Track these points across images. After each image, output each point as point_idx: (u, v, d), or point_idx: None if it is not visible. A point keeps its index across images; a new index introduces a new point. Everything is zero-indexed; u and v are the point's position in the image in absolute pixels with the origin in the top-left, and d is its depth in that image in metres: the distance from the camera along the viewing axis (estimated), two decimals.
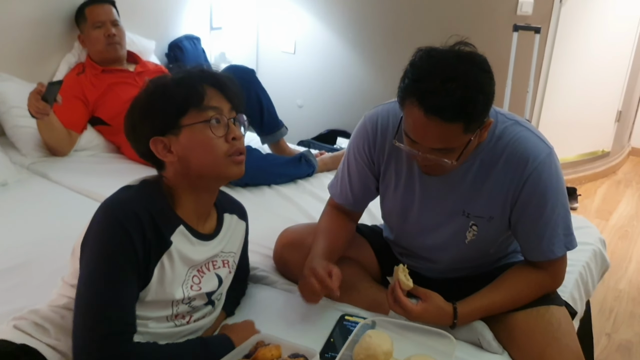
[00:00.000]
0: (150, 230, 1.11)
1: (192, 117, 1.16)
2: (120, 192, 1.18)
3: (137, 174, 2.22)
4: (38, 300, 1.38)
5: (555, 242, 1.33)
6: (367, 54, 3.38)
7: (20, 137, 2.31)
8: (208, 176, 1.20)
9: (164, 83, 1.18)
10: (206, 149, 1.17)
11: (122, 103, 2.37)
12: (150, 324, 1.16)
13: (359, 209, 1.59)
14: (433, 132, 1.17)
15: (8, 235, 1.74)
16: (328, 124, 3.54)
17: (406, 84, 1.19)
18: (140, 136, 1.18)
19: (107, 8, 2.47)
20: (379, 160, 1.46)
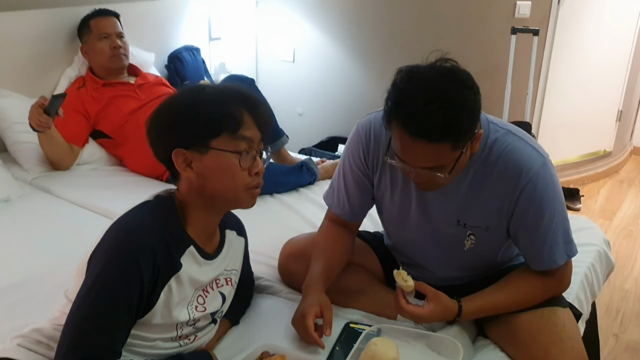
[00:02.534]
0: (161, 258, 1.09)
1: (223, 142, 1.13)
2: (136, 214, 1.15)
3: (139, 187, 2.27)
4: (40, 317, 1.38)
5: (556, 251, 1.32)
6: (366, 61, 3.38)
7: (22, 152, 2.32)
8: (222, 200, 1.19)
9: (202, 98, 1.14)
10: (228, 177, 1.15)
11: (123, 116, 2.39)
12: (159, 344, 1.16)
13: (357, 219, 1.58)
14: (421, 153, 1.18)
15: (11, 252, 1.75)
16: (329, 132, 3.55)
17: (390, 106, 1.19)
18: (164, 142, 1.15)
19: (113, 20, 2.50)
20: (374, 168, 1.45)
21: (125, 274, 1.05)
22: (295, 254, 1.62)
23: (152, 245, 1.08)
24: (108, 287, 1.05)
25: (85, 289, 1.06)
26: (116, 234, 1.10)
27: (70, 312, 1.07)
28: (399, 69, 1.20)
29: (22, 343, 1.15)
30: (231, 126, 1.13)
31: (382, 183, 1.45)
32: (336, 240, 1.53)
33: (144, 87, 2.52)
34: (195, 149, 1.12)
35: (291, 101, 3.67)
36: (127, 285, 1.05)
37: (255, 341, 1.34)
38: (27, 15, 2.42)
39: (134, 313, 1.08)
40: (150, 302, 1.10)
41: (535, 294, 1.36)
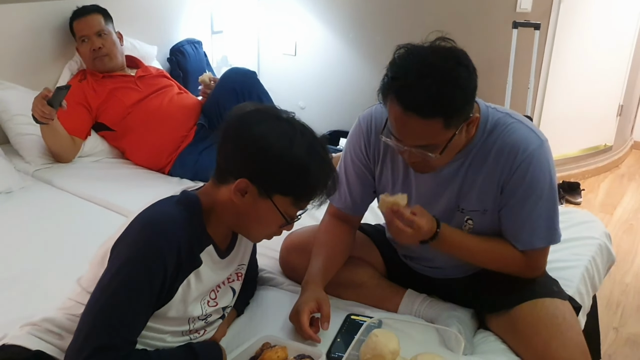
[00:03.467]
0: (184, 252, 1.10)
1: (283, 202, 1.14)
2: (163, 208, 1.15)
3: (142, 179, 2.28)
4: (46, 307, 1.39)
5: (536, 233, 1.33)
6: (367, 54, 3.38)
7: (24, 144, 2.32)
8: (243, 229, 1.23)
9: (295, 155, 1.10)
10: (263, 224, 1.20)
11: (125, 108, 2.40)
12: (168, 338, 1.17)
13: (358, 212, 1.58)
14: (413, 128, 1.19)
15: (14, 243, 1.75)
16: (331, 125, 3.54)
17: (385, 81, 1.21)
18: (237, 164, 1.13)
19: (91, 19, 2.42)
20: (375, 160, 1.46)
21: (149, 264, 1.06)
22: (296, 247, 1.62)
23: (177, 238, 1.09)
24: (132, 277, 1.06)
25: (108, 277, 1.07)
26: (141, 225, 1.11)
27: (91, 300, 1.07)
28: (398, 46, 1.23)
29: (32, 331, 1.15)
30: (301, 198, 1.16)
31: (384, 175, 1.46)
32: (337, 235, 1.53)
33: (144, 79, 2.52)
34: (258, 188, 1.12)
35: (293, 95, 3.66)
36: (151, 276, 1.06)
37: (257, 333, 1.34)
38: (29, 7, 2.42)
39: (153, 304, 1.09)
40: (168, 295, 1.11)
41: (506, 262, 1.37)
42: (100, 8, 2.47)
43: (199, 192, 1.21)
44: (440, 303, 1.46)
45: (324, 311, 1.34)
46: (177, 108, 2.46)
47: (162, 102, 2.45)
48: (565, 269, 1.64)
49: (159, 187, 2.24)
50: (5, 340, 1.15)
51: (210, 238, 1.19)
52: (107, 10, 2.50)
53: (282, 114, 1.16)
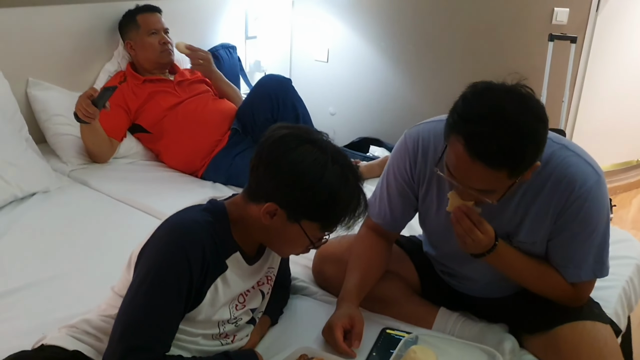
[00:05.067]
0: (210, 256, 1.13)
1: (310, 227, 1.16)
2: (189, 214, 1.18)
3: (175, 182, 2.30)
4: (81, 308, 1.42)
5: (583, 267, 1.31)
6: (400, 63, 3.37)
7: (61, 144, 2.36)
8: (271, 244, 1.26)
9: (327, 183, 1.11)
10: (290, 245, 1.23)
11: (162, 111, 2.43)
12: (201, 341, 1.19)
13: (397, 228, 1.56)
14: (476, 174, 1.14)
15: (51, 243, 1.78)
16: (360, 132, 3.54)
17: (455, 119, 1.15)
18: (267, 188, 1.14)
19: (159, 17, 2.54)
20: (420, 181, 1.43)
21: (176, 267, 1.09)
22: (330, 257, 1.62)
23: (202, 242, 1.12)
24: (159, 280, 1.09)
25: (137, 282, 1.10)
26: (167, 230, 1.15)
27: (123, 303, 1.11)
28: (473, 84, 1.16)
29: (70, 333, 1.18)
30: (329, 224, 1.17)
31: (429, 197, 1.43)
32: (374, 250, 1.52)
33: (183, 84, 2.55)
34: (287, 213, 1.14)
35: (323, 101, 3.67)
36: (178, 279, 1.09)
37: (291, 343, 1.35)
38: (70, 9, 2.46)
39: (182, 307, 1.11)
40: (197, 299, 1.14)
41: (552, 289, 1.34)
42: (161, 10, 2.57)
43: (228, 202, 1.24)
44: (474, 322, 1.45)
45: (356, 329, 1.34)
46: (213, 113, 2.48)
47: (197, 106, 2.47)
48: (602, 289, 1.60)
49: (192, 190, 2.26)
50: (44, 341, 1.19)
51: (237, 245, 1.21)
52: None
53: (316, 136, 1.17)
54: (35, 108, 2.37)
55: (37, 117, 2.38)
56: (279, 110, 2.40)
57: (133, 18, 2.52)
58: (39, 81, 2.40)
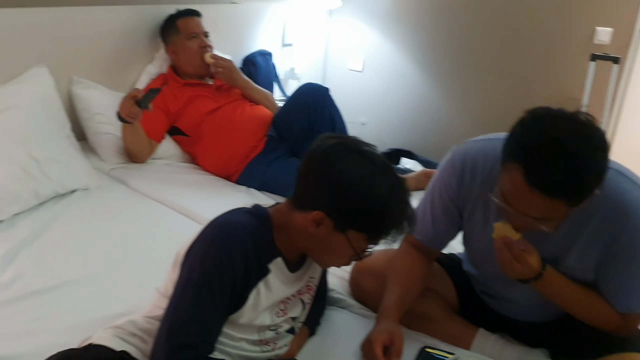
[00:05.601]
0: (253, 258, 1.14)
1: (356, 238, 1.15)
2: (234, 216, 1.20)
3: (210, 186, 2.33)
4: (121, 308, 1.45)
5: (634, 297, 1.28)
6: (435, 77, 3.36)
7: (101, 143, 2.39)
8: (314, 254, 1.25)
9: (376, 194, 1.11)
10: (333, 255, 1.22)
11: (201, 115, 2.45)
12: (244, 345, 1.20)
13: (439, 246, 1.55)
14: (532, 203, 1.12)
15: (91, 242, 1.80)
16: (391, 144, 3.53)
17: (513, 146, 1.14)
18: (316, 195, 1.14)
19: (199, 20, 2.56)
20: (466, 200, 1.42)
21: (220, 268, 1.11)
22: (368, 271, 1.61)
23: (246, 244, 1.14)
24: (204, 280, 1.10)
25: (183, 281, 1.13)
26: (213, 230, 1.17)
27: (169, 303, 1.13)
28: (532, 110, 1.15)
29: (117, 333, 1.20)
30: (375, 236, 1.16)
31: (474, 217, 1.42)
32: (414, 266, 1.51)
33: (221, 89, 2.58)
34: (334, 222, 1.14)
35: (355, 110, 3.67)
36: (222, 279, 1.11)
37: (330, 356, 1.36)
38: (115, 10, 2.50)
39: (226, 308, 1.13)
40: (240, 301, 1.15)
41: (601, 318, 1.32)
42: (201, 14, 2.59)
43: (272, 209, 1.26)
44: (514, 345, 1.43)
45: (396, 345, 1.33)
46: (249, 119, 2.50)
47: (235, 112, 2.49)
48: None
49: (227, 194, 2.29)
50: (91, 340, 1.20)
51: (280, 251, 1.22)
52: None
53: (364, 147, 1.17)
54: (78, 106, 2.40)
55: (79, 115, 2.41)
56: (315, 119, 2.40)
57: (173, 23, 2.55)
58: (83, 80, 2.43)
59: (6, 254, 1.67)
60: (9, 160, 1.90)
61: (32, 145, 1.98)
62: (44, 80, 2.25)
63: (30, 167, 1.94)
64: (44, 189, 1.96)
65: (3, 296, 1.50)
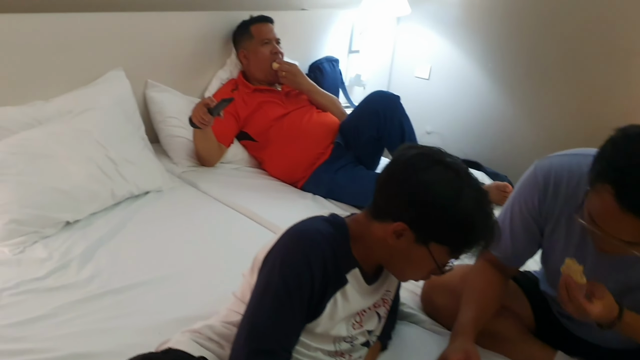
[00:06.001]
0: (330, 267, 1.14)
1: (438, 250, 1.12)
2: (313, 223, 1.20)
3: (277, 191, 2.34)
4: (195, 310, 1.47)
5: None
6: (505, 86, 3.27)
7: (173, 146, 2.44)
8: (392, 267, 1.23)
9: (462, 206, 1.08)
10: (412, 268, 1.19)
11: (269, 121, 2.47)
12: (320, 356, 1.19)
13: (517, 264, 1.50)
14: (624, 227, 1.08)
15: (164, 242, 1.84)
16: (457, 154, 3.43)
17: (604, 167, 1.09)
18: (396, 203, 1.13)
19: (272, 27, 2.59)
20: (547, 217, 1.37)
21: (299, 274, 1.10)
22: (441, 287, 1.57)
23: (324, 252, 1.13)
24: (283, 286, 1.10)
25: (262, 287, 1.13)
26: (291, 237, 1.17)
27: (248, 308, 1.14)
28: (622, 128, 1.10)
29: (194, 338, 1.21)
30: (459, 250, 1.13)
31: (555, 235, 1.37)
32: (491, 284, 1.47)
33: (290, 95, 2.60)
34: (416, 234, 1.12)
35: (421, 118, 3.61)
36: (300, 286, 1.10)
37: None
38: (190, 16, 2.55)
39: (304, 315, 1.13)
40: (317, 309, 1.15)
41: None
42: (273, 21, 2.62)
43: (349, 219, 1.24)
44: None
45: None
46: (317, 125, 2.50)
47: (302, 118, 2.50)
48: None
49: (293, 200, 2.30)
50: (169, 344, 1.21)
51: (357, 261, 1.20)
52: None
53: (447, 158, 1.14)
54: (152, 109, 2.46)
55: (153, 117, 2.47)
56: (385, 128, 2.38)
57: (247, 28, 2.58)
58: (157, 83, 2.50)
59: (85, 251, 1.73)
60: (87, 160, 1.96)
61: (109, 146, 2.04)
62: (121, 83, 2.33)
63: (107, 168, 2.00)
64: (120, 189, 2.02)
65: (81, 293, 1.55)
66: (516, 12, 3.11)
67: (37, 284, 1.56)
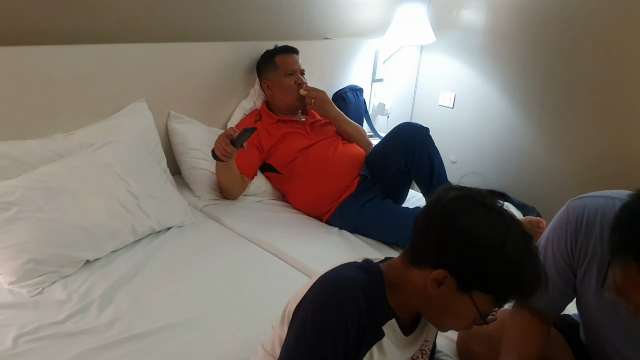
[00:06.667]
0: (366, 320, 1.07)
1: (482, 299, 1.05)
2: (346, 271, 1.13)
3: (302, 226, 2.27)
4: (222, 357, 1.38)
5: None
6: (532, 115, 3.19)
7: (195, 178, 2.39)
8: (432, 317, 1.15)
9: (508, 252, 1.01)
10: (454, 317, 1.11)
11: (293, 152, 2.41)
12: None
13: (555, 310, 1.41)
14: None
15: (187, 283, 1.76)
16: (482, 184, 3.36)
17: (624, 239, 1.00)
18: (436, 249, 1.06)
19: (297, 58, 2.55)
20: (579, 260, 1.29)
21: (332, 329, 1.03)
22: (478, 333, 1.47)
23: (359, 304, 1.06)
24: (316, 341, 1.03)
25: (293, 341, 1.06)
26: (323, 287, 1.09)
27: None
28: (637, 194, 1.02)
29: None
30: (504, 298, 1.06)
31: (587, 280, 1.29)
32: (530, 333, 1.38)
33: (314, 126, 2.54)
34: (458, 282, 1.05)
35: (445, 147, 3.52)
36: (334, 342, 1.03)
37: None
38: (213, 46, 2.51)
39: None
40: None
41: None
42: (298, 51, 2.58)
43: (385, 265, 1.17)
44: None
45: None
46: (342, 157, 2.43)
47: (328, 150, 2.44)
48: None
49: (319, 236, 2.22)
50: None
51: (394, 312, 1.13)
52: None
53: (490, 200, 1.08)
54: (174, 141, 2.42)
55: (175, 149, 2.42)
56: (413, 160, 2.31)
57: (271, 58, 2.54)
58: (179, 115, 2.45)
59: (105, 292, 1.66)
60: (108, 195, 1.91)
61: (131, 180, 1.99)
62: (143, 115, 2.28)
63: (128, 203, 1.94)
64: (141, 225, 1.95)
65: (102, 339, 1.47)
66: (543, 40, 3.04)
67: (56, 328, 1.49)
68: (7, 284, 1.64)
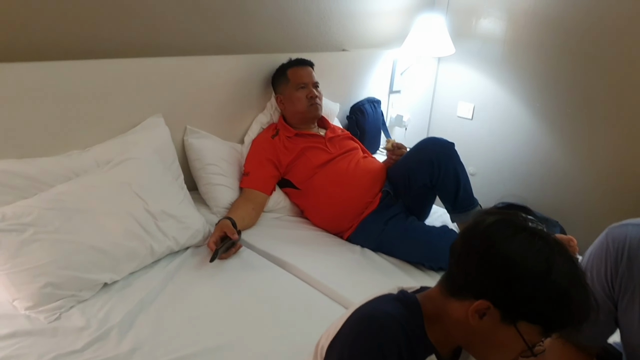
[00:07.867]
0: (406, 357, 0.99)
1: (529, 330, 0.98)
2: (382, 305, 1.06)
3: (322, 244, 2.19)
4: None
5: None
6: (553, 126, 3.12)
7: (212, 194, 2.32)
8: (475, 350, 1.07)
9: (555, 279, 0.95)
10: (498, 350, 1.02)
11: (313, 168, 2.34)
12: None
13: (596, 342, 1.35)
14: None
15: (207, 307, 1.69)
16: (502, 197, 3.30)
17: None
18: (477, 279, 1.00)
19: (309, 70, 2.48)
20: (620, 291, 1.23)
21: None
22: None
23: (398, 340, 0.99)
24: None
25: None
26: (359, 323, 1.03)
27: None
28: None
29: None
30: (552, 328, 0.99)
31: (629, 311, 1.22)
32: None
33: (334, 140, 2.47)
34: (502, 313, 0.98)
35: (464, 159, 3.44)
36: None
37: None
38: (229, 59, 2.46)
39: None
40: None
41: None
42: (313, 64, 2.51)
43: (421, 296, 1.10)
44: None
45: None
46: (363, 172, 2.36)
47: (349, 165, 2.37)
48: None
49: (341, 255, 2.15)
50: None
51: (433, 346, 1.06)
52: None
53: (531, 223, 1.00)
54: (191, 156, 2.36)
55: (191, 165, 2.36)
56: (439, 176, 2.23)
57: (284, 72, 2.48)
58: (196, 129, 2.39)
59: (124, 318, 1.59)
60: (126, 215, 1.84)
61: (148, 199, 1.93)
62: (160, 130, 2.22)
63: (146, 222, 1.88)
64: (159, 245, 1.89)
65: None
66: (565, 49, 2.97)
67: (75, 357, 1.43)
68: (24, 309, 1.58)
